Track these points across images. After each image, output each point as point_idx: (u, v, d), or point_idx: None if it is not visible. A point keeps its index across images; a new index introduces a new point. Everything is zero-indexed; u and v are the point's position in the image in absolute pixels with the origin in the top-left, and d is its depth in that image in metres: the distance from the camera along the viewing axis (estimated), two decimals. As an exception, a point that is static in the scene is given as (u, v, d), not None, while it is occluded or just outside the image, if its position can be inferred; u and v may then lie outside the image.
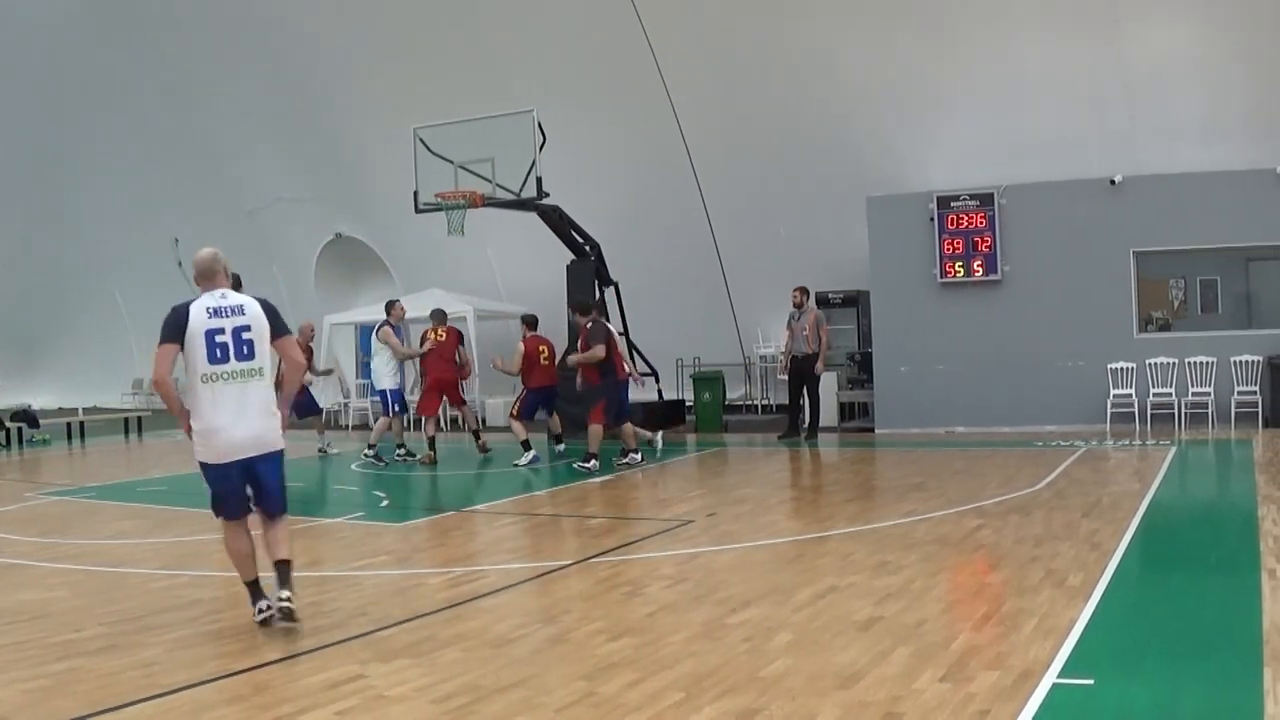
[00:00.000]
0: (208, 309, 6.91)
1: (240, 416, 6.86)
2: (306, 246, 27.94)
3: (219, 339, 6.81)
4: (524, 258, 23.68)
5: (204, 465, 7.02)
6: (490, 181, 19.18)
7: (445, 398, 17.29)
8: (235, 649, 6.58)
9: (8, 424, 23.83)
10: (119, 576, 8.93)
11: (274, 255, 28.15)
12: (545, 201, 19.19)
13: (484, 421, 22.13)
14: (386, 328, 16.84)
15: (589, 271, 20.24)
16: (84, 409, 27.35)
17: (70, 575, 9.02)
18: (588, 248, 20.36)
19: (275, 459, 7.15)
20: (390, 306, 17.26)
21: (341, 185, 26.54)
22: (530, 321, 17.33)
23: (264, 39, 24.89)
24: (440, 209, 19.26)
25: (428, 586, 8.24)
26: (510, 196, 19.29)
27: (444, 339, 16.80)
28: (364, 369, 27.56)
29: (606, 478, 14.36)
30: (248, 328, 6.93)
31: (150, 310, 27.32)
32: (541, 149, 18.79)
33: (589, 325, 15.25)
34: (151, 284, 28.53)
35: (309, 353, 17.08)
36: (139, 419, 26.41)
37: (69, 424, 25.12)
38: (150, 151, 27.83)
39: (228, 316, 6.91)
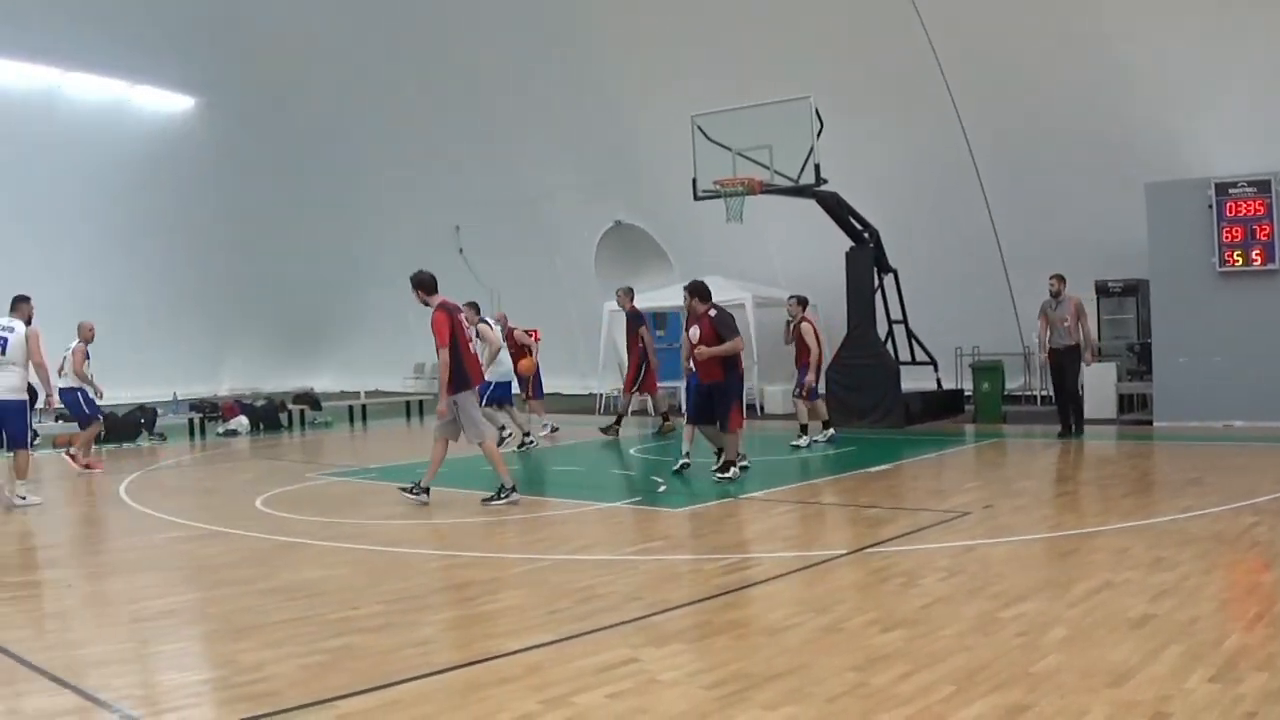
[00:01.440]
0: None
1: None
2: (587, 234, 28.43)
3: None
4: (803, 245, 23.51)
5: None
6: (768, 168, 19.19)
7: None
8: (508, 630, 6.72)
9: (290, 406, 25.25)
10: (396, 556, 9.27)
11: (555, 243, 28.79)
12: (823, 188, 19.10)
13: (762, 410, 22.19)
14: None
15: (868, 258, 20.11)
16: (365, 392, 28.69)
17: (349, 554, 9.42)
18: (866, 234, 20.19)
19: None
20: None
21: (621, 173, 26.88)
22: (803, 302, 17.48)
23: (547, 29, 25.43)
24: (719, 196, 19.46)
25: (702, 573, 8.26)
26: (788, 183, 19.27)
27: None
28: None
29: (884, 467, 14.22)
30: None
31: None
32: (819, 135, 18.68)
33: (712, 313, 13.26)
34: (437, 271, 29.69)
35: None
36: (419, 402, 27.53)
37: (350, 407, 26.43)
38: (433, 141, 28.85)
39: None
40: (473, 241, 30.34)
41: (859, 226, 20.10)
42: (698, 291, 13.39)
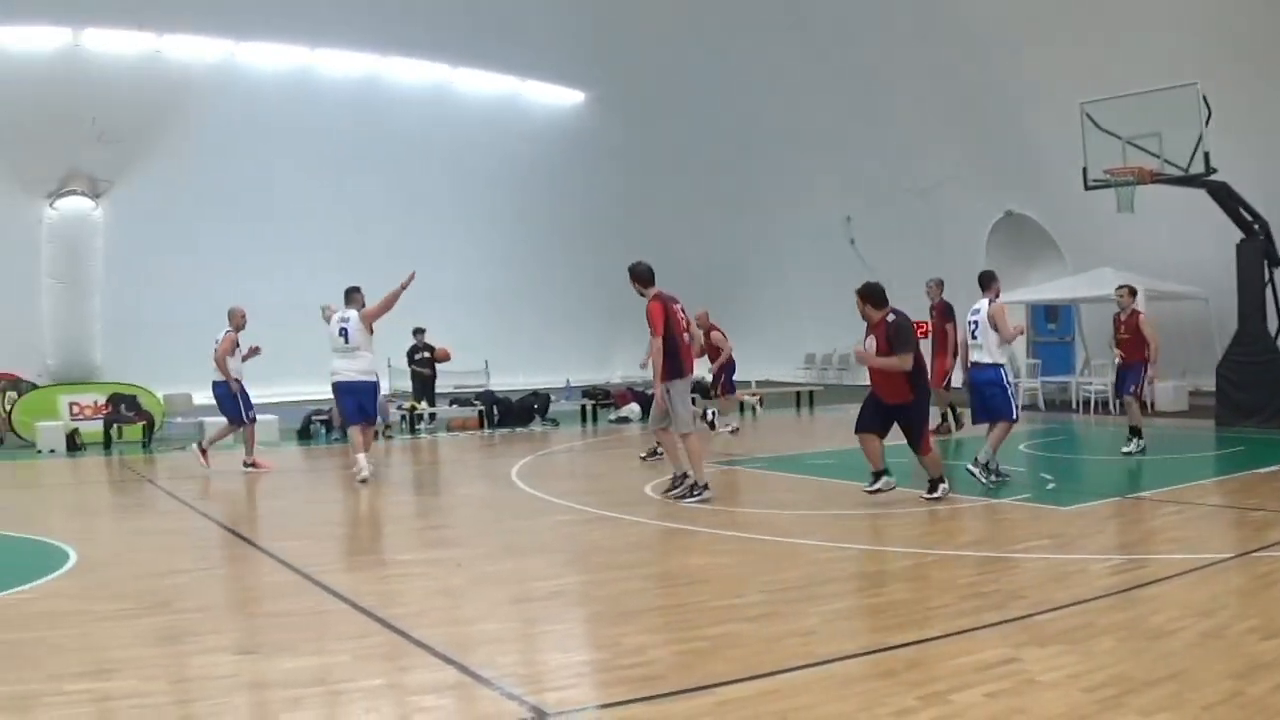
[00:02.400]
0: None
1: None
2: (976, 224, 27.89)
3: None
4: (1193, 235, 22.18)
5: None
6: (1158, 156, 18.65)
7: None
8: (892, 624, 6.63)
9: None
10: (783, 546, 9.27)
11: (944, 234, 28.33)
12: (1212, 177, 18.35)
13: (1152, 406, 21.07)
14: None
15: (1258, 251, 19.07)
16: (756, 382, 29.01)
17: (735, 542, 9.50)
18: (1256, 226, 19.10)
19: None
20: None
21: (1011, 162, 26.25)
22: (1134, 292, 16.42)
23: (936, 19, 25.06)
24: (1109, 185, 19.20)
25: (1087, 573, 8.00)
26: (1178, 172, 18.60)
27: None
28: (1036, 349, 27.11)
29: (1273, 468, 13.35)
30: None
31: (823, 286, 28.34)
32: (1207, 123, 17.96)
33: (891, 320, 11.33)
34: (824, 262, 29.78)
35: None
36: (810, 393, 27.61)
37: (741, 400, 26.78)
38: (823, 133, 28.93)
39: None
40: (862, 232, 30.22)
41: (1249, 218, 19.10)
42: (870, 295, 11.42)
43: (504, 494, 13.28)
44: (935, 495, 11.44)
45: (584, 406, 24.89)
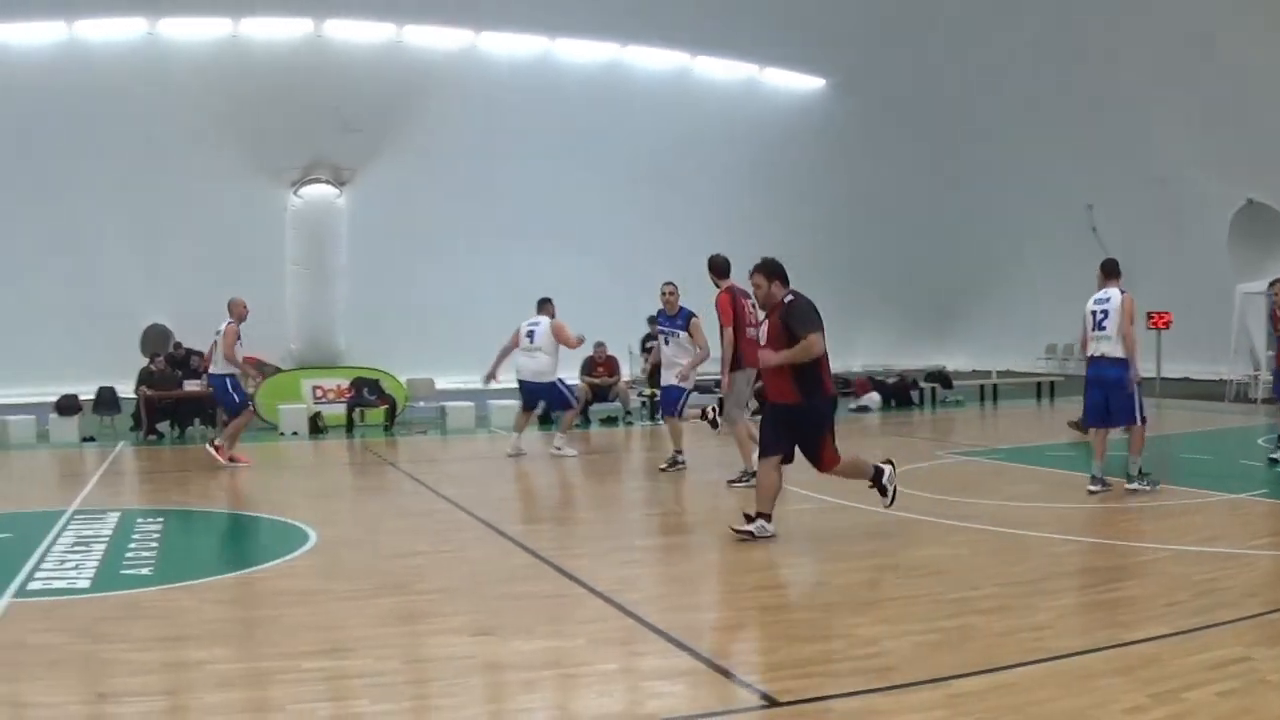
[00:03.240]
0: None
1: None
2: (1218, 213, 26.90)
3: None
4: None
5: None
6: None
7: None
8: (1126, 619, 6.59)
9: (922, 384, 25.64)
10: (1018, 539, 9.22)
11: (1184, 223, 27.41)
12: None
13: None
14: None
15: None
16: (997, 372, 28.58)
17: (972, 534, 9.47)
18: None
19: None
20: None
21: (1252, 151, 25.18)
22: None
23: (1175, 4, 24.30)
24: None
25: None
26: None
27: None
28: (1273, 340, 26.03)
29: None
30: None
31: (1065, 275, 27.66)
32: None
33: (790, 300, 9.72)
34: (1064, 250, 29.06)
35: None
36: (1050, 384, 27.08)
37: (981, 386, 26.44)
38: (1065, 121, 28.25)
39: None
40: (1103, 220, 29.42)
41: None
42: (777, 272, 9.77)
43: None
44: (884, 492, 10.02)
45: (827, 395, 24.83)
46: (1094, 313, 11.78)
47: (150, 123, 22.97)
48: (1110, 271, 11.97)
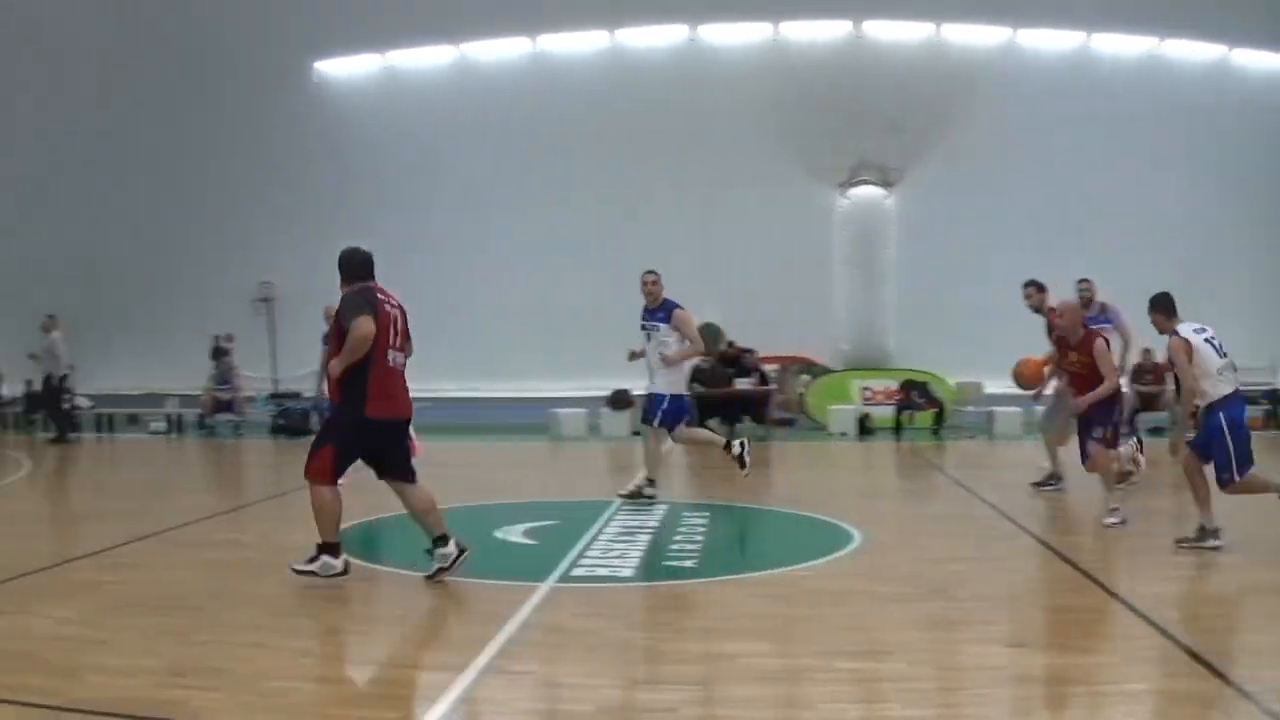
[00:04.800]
0: None
1: None
2: None
3: None
4: None
5: None
6: None
7: None
8: None
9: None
10: None
11: None
12: None
13: None
14: None
15: None
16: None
17: None
18: None
19: None
20: None
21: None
22: None
23: None
24: None
25: None
26: None
27: None
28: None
29: None
30: None
31: None
32: None
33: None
34: None
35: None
36: None
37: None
38: None
39: None
40: None
41: None
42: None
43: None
44: None
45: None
46: (1216, 343, 9.68)
47: (694, 125, 24.27)
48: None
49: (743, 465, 12.05)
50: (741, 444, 12.20)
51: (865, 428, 21.41)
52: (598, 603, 7.71)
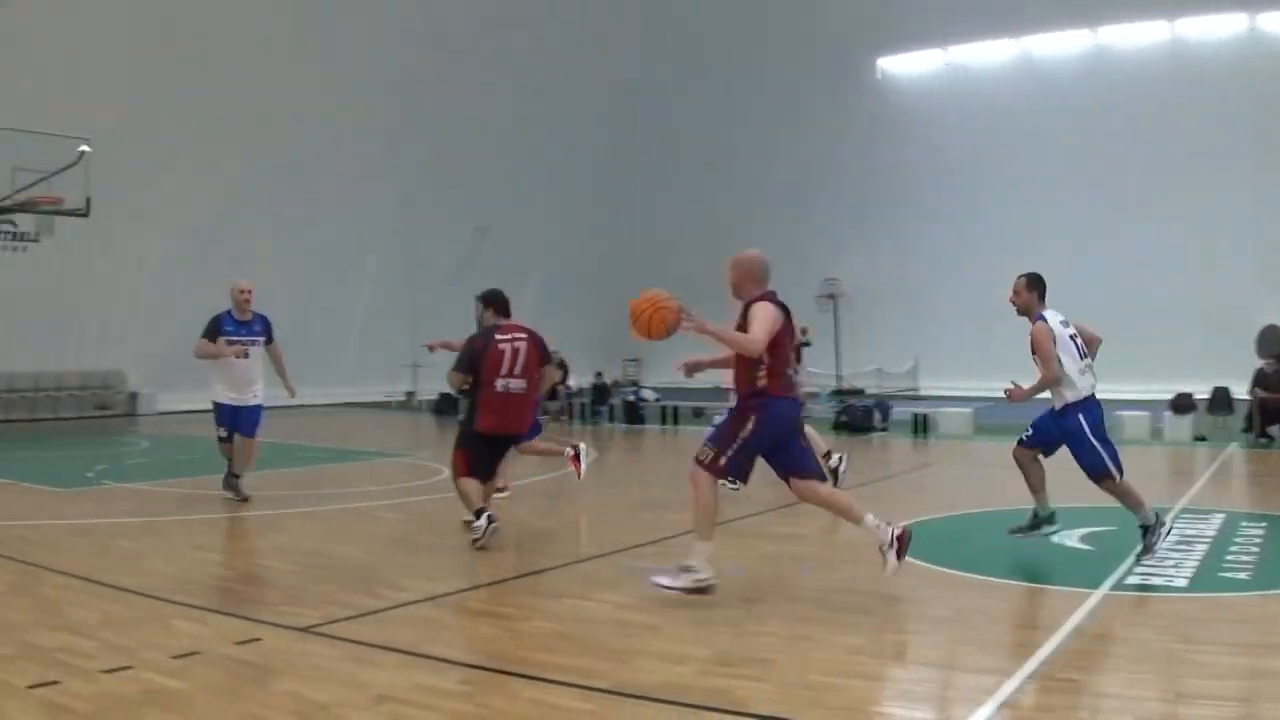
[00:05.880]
0: None
1: None
2: None
3: None
4: None
5: None
6: None
7: None
8: None
9: None
10: None
11: None
12: None
13: None
14: None
15: None
16: None
17: None
18: None
19: None
20: None
21: None
22: None
23: None
24: None
25: None
26: None
27: None
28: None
29: None
30: None
31: None
32: None
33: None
34: None
35: None
36: None
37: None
38: None
39: None
40: None
41: None
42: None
43: None
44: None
45: None
46: (1071, 336, 9.53)
47: (1257, 122, 23.60)
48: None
49: None
50: None
51: None
52: (1147, 613, 7.82)
